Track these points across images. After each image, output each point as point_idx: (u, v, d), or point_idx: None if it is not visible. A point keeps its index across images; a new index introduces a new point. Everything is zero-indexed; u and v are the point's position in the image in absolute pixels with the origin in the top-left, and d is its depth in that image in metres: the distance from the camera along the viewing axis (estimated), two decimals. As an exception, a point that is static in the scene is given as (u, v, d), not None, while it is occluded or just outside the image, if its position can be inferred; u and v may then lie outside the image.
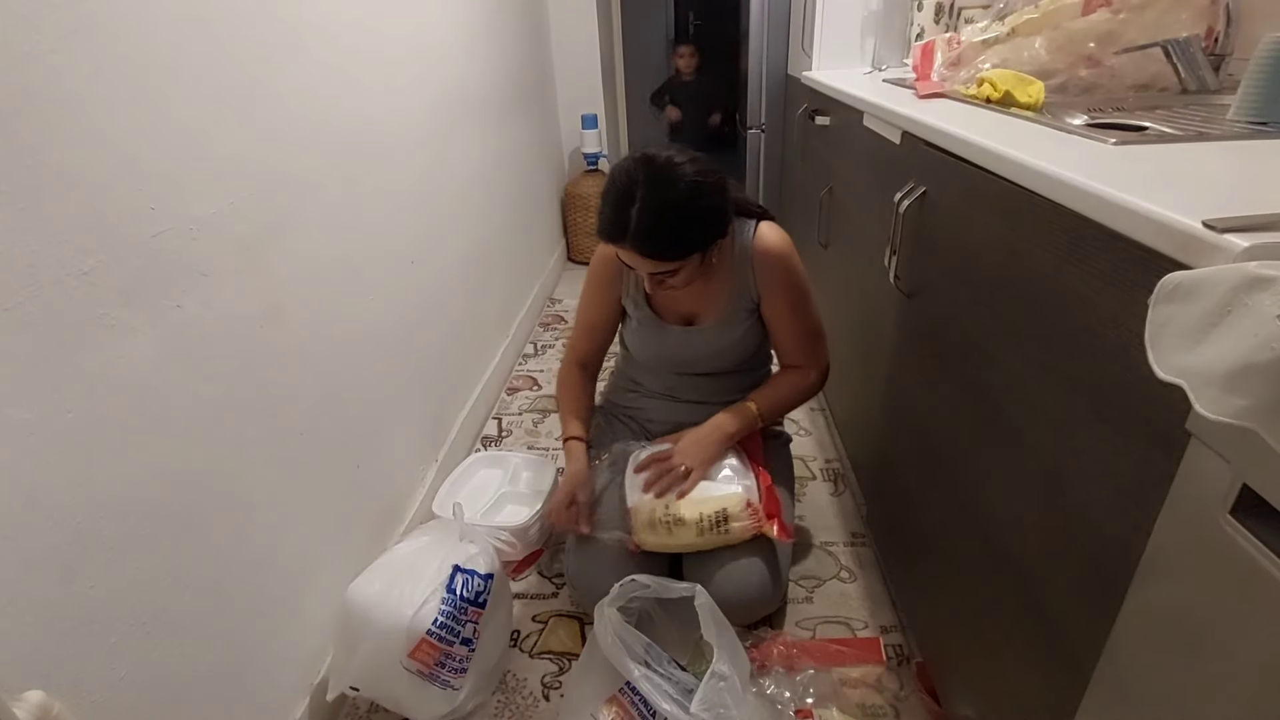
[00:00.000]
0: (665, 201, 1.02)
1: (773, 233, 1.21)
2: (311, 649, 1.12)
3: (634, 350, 1.37)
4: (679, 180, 1.03)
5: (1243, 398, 0.40)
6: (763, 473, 1.23)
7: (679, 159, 1.05)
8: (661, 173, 1.03)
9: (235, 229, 0.94)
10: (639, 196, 1.01)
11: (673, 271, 1.08)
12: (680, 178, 1.03)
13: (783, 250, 1.20)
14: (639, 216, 1.01)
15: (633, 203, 1.01)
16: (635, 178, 1.03)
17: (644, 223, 1.01)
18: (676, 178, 1.03)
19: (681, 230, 1.04)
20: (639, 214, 1.01)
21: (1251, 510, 0.45)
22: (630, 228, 1.02)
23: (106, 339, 0.73)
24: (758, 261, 1.19)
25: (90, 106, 0.71)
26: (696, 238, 1.06)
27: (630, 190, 1.02)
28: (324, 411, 1.16)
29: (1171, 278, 0.47)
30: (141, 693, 0.77)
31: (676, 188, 1.02)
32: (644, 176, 1.03)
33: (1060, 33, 1.17)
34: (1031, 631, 0.77)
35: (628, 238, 1.03)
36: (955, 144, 0.91)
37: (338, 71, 1.24)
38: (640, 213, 1.01)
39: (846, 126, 1.56)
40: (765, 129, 2.61)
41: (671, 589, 1.11)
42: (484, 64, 2.15)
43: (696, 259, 1.08)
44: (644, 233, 1.02)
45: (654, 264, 1.05)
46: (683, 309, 1.28)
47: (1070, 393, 0.67)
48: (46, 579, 0.66)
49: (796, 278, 1.22)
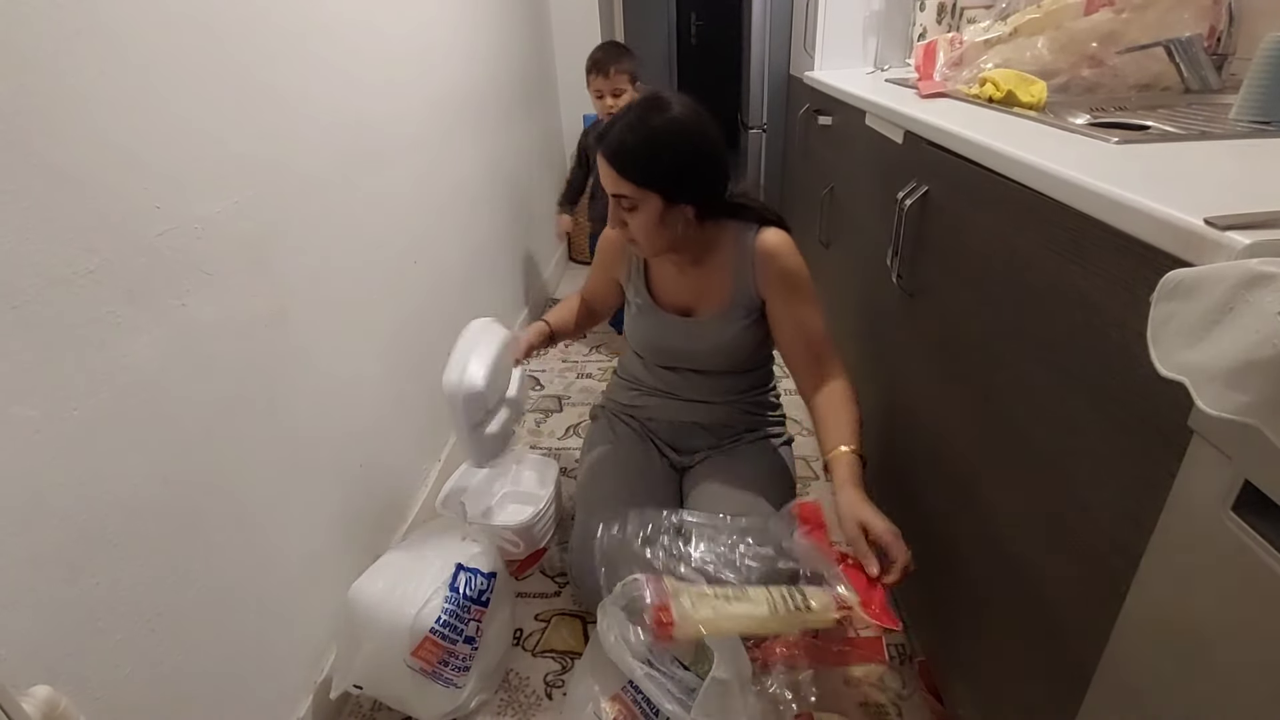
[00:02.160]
0: (643, 122, 1.06)
1: (776, 236, 1.21)
2: (315, 647, 1.13)
3: (631, 338, 1.38)
4: (665, 111, 1.07)
5: (1244, 394, 0.41)
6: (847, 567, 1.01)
7: (679, 102, 1.09)
8: (654, 102, 1.08)
9: (239, 228, 0.94)
10: (628, 114, 1.08)
11: (630, 204, 1.08)
12: (668, 109, 1.07)
13: (785, 251, 1.20)
14: (619, 128, 1.07)
15: (621, 117, 1.08)
16: (633, 104, 1.10)
17: (619, 134, 1.06)
18: (665, 108, 1.07)
19: (648, 152, 1.06)
20: (620, 126, 1.07)
21: (1254, 506, 0.45)
22: (610, 135, 1.07)
23: (111, 338, 0.73)
24: (759, 260, 1.19)
25: (94, 107, 0.71)
26: (661, 171, 1.07)
27: (626, 109, 1.10)
28: (327, 410, 1.16)
29: (1173, 275, 0.47)
30: (146, 689, 0.77)
31: (660, 115, 1.06)
32: (640, 102, 1.10)
33: (1062, 32, 1.17)
34: (1034, 629, 0.77)
35: (604, 143, 1.08)
36: (958, 143, 0.91)
37: (340, 71, 1.25)
38: (621, 126, 1.07)
39: (849, 126, 1.56)
40: (767, 129, 2.61)
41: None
42: (486, 63, 2.15)
43: (656, 204, 1.08)
44: (614, 142, 1.06)
45: (615, 178, 1.07)
46: (680, 299, 1.28)
47: (1072, 390, 0.67)
48: (52, 576, 0.66)
49: (803, 278, 1.21)
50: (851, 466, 1.05)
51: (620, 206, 1.10)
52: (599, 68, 2.01)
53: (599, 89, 2.04)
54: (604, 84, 2.02)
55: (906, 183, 1.09)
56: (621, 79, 2.01)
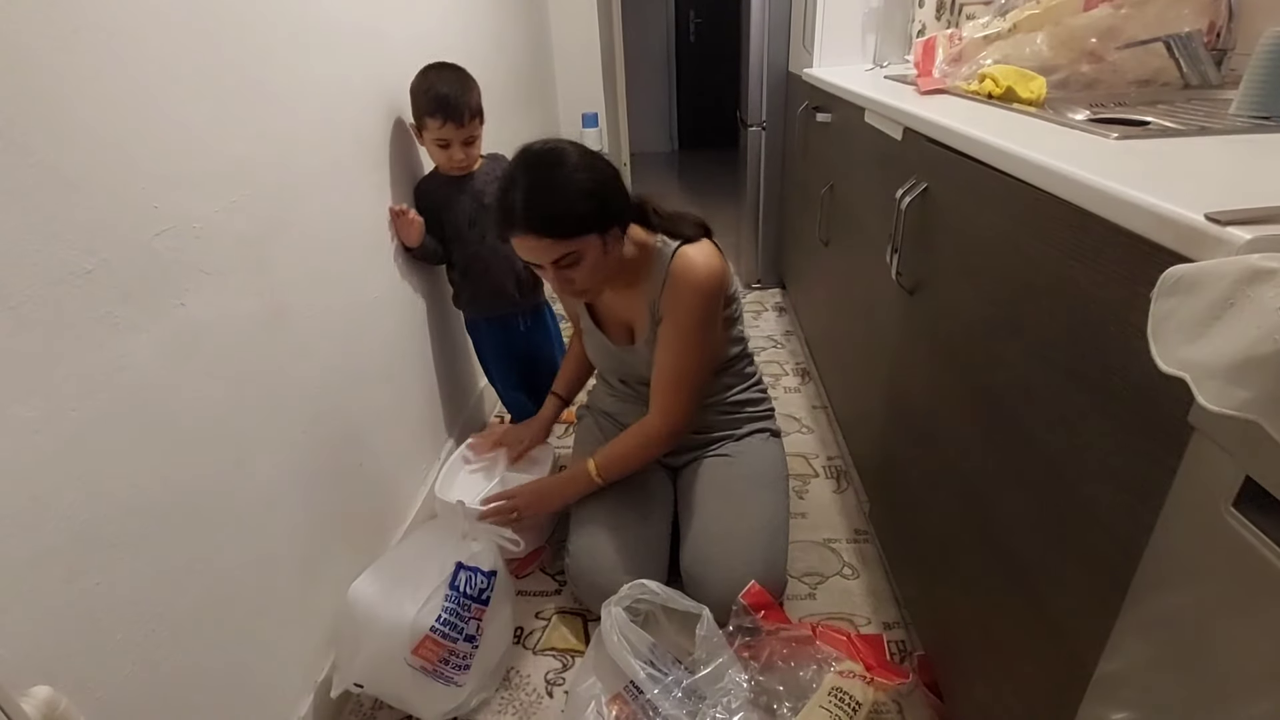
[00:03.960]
0: (546, 177, 1.00)
1: (696, 254, 1.13)
2: (315, 646, 1.13)
3: (592, 361, 1.40)
4: (559, 158, 1.01)
5: (1245, 390, 0.40)
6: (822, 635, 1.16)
7: (557, 144, 1.04)
8: (539, 155, 1.03)
9: (237, 228, 0.94)
10: (519, 183, 1.00)
11: (574, 259, 1.03)
12: (559, 157, 1.02)
13: (692, 276, 1.12)
14: (523, 198, 0.99)
15: (514, 189, 1.00)
16: (514, 169, 1.03)
17: (529, 200, 0.99)
18: (555, 158, 1.01)
19: (568, 202, 1.00)
20: (523, 195, 0.99)
21: (1254, 502, 0.45)
22: (517, 211, 0.99)
23: (110, 338, 0.73)
24: (668, 281, 1.14)
25: (92, 107, 0.71)
26: (588, 213, 1.01)
27: (511, 181, 1.02)
28: (327, 409, 1.16)
29: (1174, 271, 0.47)
30: (146, 689, 0.77)
31: (559, 164, 1.01)
32: (522, 165, 1.03)
33: (1062, 28, 1.17)
34: (1034, 626, 0.77)
35: (517, 223, 1.00)
36: (957, 140, 0.91)
37: (338, 70, 1.25)
38: (525, 193, 0.99)
39: (848, 123, 1.55)
40: (766, 126, 2.60)
41: (679, 602, 1.11)
42: (484, 62, 2.15)
43: (597, 244, 1.04)
44: (530, 209, 0.99)
45: (550, 245, 1.00)
46: (619, 319, 1.27)
47: (1072, 387, 0.67)
48: (51, 577, 0.66)
49: (691, 309, 1.13)
50: (574, 471, 1.28)
51: (560, 267, 1.04)
52: (450, 112, 1.39)
53: (446, 138, 1.42)
54: (456, 133, 1.42)
55: (906, 180, 1.09)
56: (475, 124, 1.46)
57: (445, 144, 1.44)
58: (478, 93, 1.48)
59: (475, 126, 1.47)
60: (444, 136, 1.43)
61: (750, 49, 2.51)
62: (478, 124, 1.48)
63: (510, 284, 1.65)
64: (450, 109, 1.40)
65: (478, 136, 1.49)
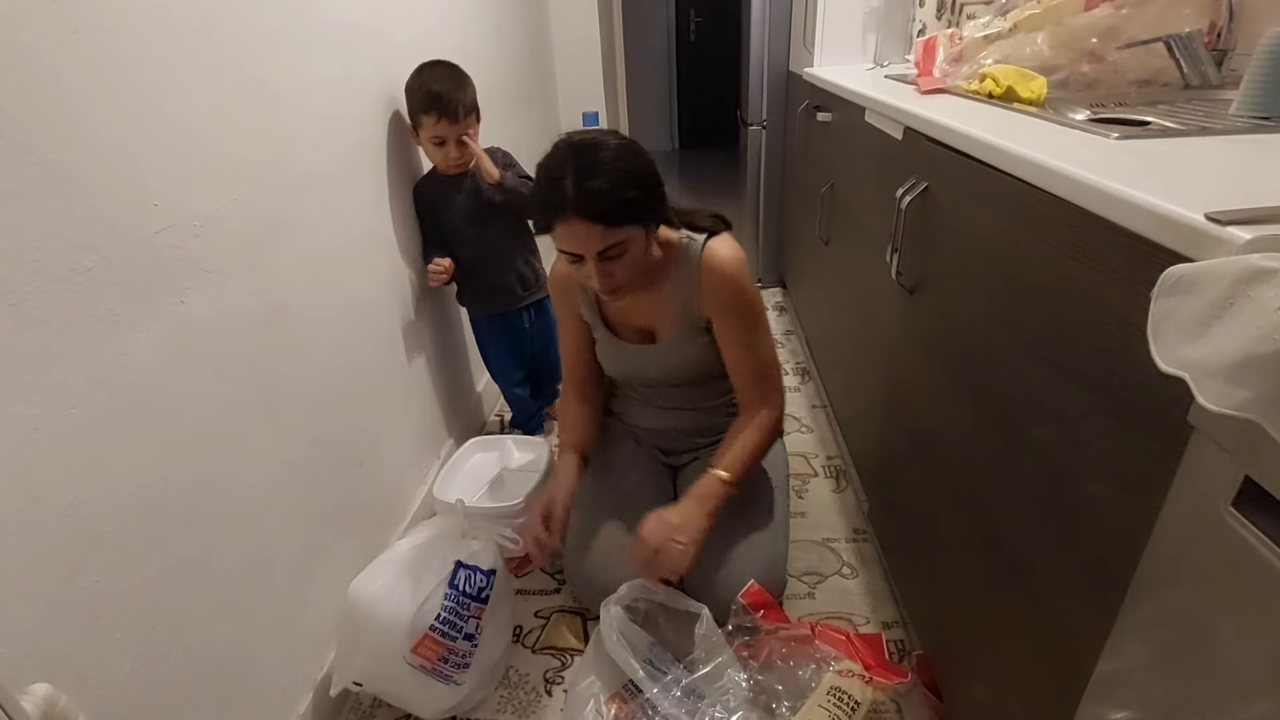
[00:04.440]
0: (598, 161, 0.98)
1: (724, 247, 1.14)
2: (315, 645, 1.13)
3: (601, 364, 1.35)
4: (604, 145, 1.00)
5: (1245, 389, 0.40)
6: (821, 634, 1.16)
7: (599, 133, 1.03)
8: (586, 142, 1.00)
9: (238, 226, 0.94)
10: (570, 168, 0.97)
11: (619, 250, 1.01)
12: (605, 143, 1.00)
13: (731, 268, 1.12)
14: (575, 183, 0.96)
15: (565, 175, 0.97)
16: (561, 156, 1.00)
17: (581, 186, 0.96)
18: (602, 143, 1.00)
19: (620, 188, 0.98)
20: (575, 181, 0.96)
21: (1254, 502, 0.45)
22: (569, 196, 0.96)
23: (110, 336, 0.73)
24: (703, 277, 1.13)
25: (91, 105, 0.71)
26: (637, 201, 1.00)
27: (560, 167, 0.98)
28: (326, 408, 1.16)
29: (1173, 270, 0.47)
30: (145, 687, 0.77)
31: (600, 150, 0.99)
32: (569, 151, 1.00)
33: (1062, 28, 1.17)
34: (1034, 626, 0.77)
35: (568, 207, 0.97)
36: (957, 139, 0.91)
37: (338, 70, 1.25)
38: (576, 178, 0.96)
39: (848, 123, 1.55)
40: (767, 125, 2.60)
41: (679, 602, 1.11)
42: (485, 61, 2.14)
43: (641, 236, 1.03)
44: (583, 194, 0.96)
45: (601, 232, 0.98)
46: (637, 323, 1.25)
47: (1072, 386, 0.67)
48: (51, 575, 0.66)
49: (745, 299, 1.14)
50: (705, 487, 1.13)
51: (607, 259, 1.02)
52: (443, 108, 1.40)
53: (440, 135, 1.43)
54: (451, 130, 1.42)
55: (906, 179, 1.09)
56: (470, 120, 1.46)
57: (440, 141, 1.45)
58: (473, 90, 1.48)
59: (470, 123, 1.47)
60: (439, 134, 1.43)
61: (751, 48, 2.51)
62: (473, 121, 1.48)
63: (512, 279, 1.65)
64: (444, 106, 1.40)
65: (474, 134, 1.49)
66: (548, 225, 1.01)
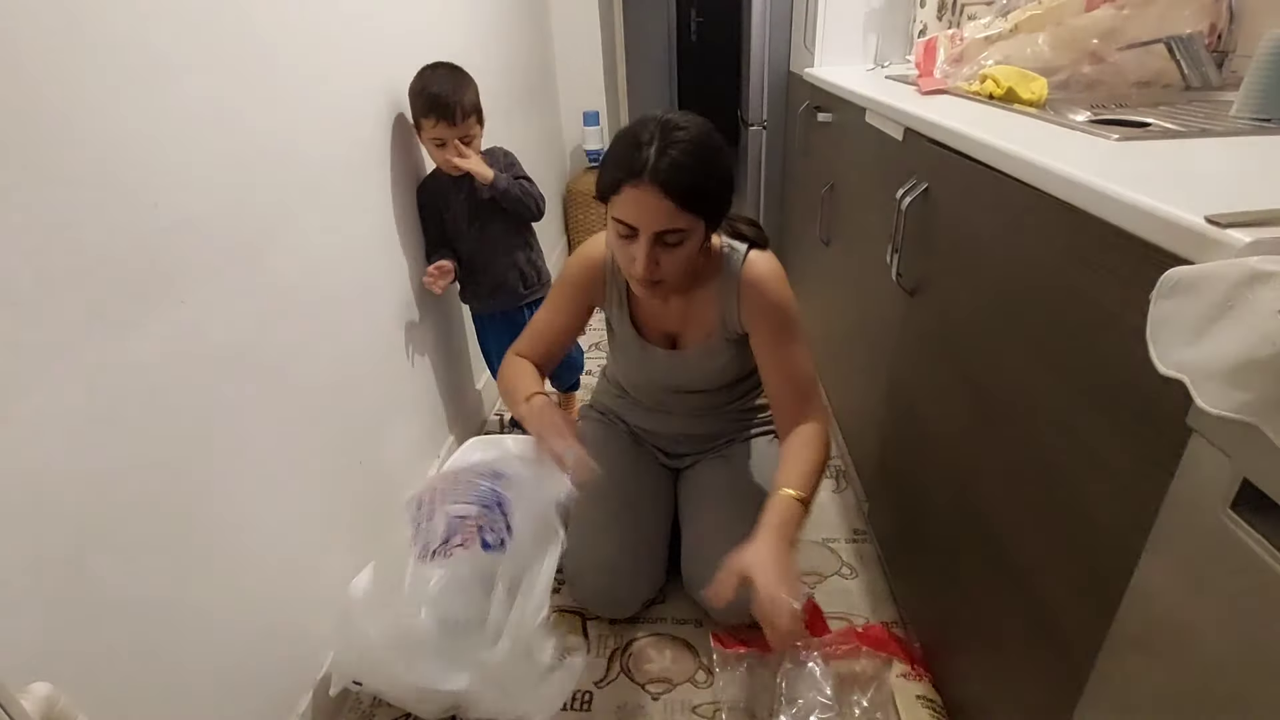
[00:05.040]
0: (688, 140, 0.94)
1: (765, 262, 1.12)
2: (314, 644, 1.13)
3: (620, 370, 1.32)
4: (698, 129, 0.96)
5: (1244, 392, 0.41)
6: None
7: (694, 117, 0.98)
8: (680, 121, 0.96)
9: (238, 225, 0.94)
10: (658, 137, 0.93)
11: (679, 238, 0.97)
12: (699, 128, 0.96)
13: (773, 283, 1.11)
14: (660, 151, 0.92)
15: (651, 142, 0.93)
16: (650, 125, 0.95)
17: (665, 155, 0.92)
18: (695, 127, 0.96)
19: (704, 174, 0.94)
20: (660, 149, 0.92)
21: (1252, 504, 0.45)
22: (650, 161, 0.92)
23: (110, 335, 0.73)
24: (745, 290, 1.11)
25: (90, 104, 0.71)
26: (714, 192, 0.97)
27: (647, 133, 0.94)
28: (327, 408, 1.16)
29: (1173, 273, 0.47)
30: (145, 687, 0.77)
31: (698, 133, 0.95)
32: (661, 123, 0.95)
33: (1063, 29, 1.17)
34: (1031, 626, 0.77)
35: (646, 173, 0.92)
36: (958, 140, 0.91)
37: (339, 69, 1.25)
38: (663, 147, 0.92)
39: (848, 123, 1.55)
40: (767, 126, 2.60)
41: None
42: (485, 61, 2.14)
43: (700, 234, 1.00)
44: (672, 166, 0.91)
45: (671, 211, 0.93)
46: (667, 327, 1.22)
47: (1071, 388, 0.67)
48: (51, 574, 0.66)
49: (787, 313, 1.12)
50: (783, 512, 0.99)
51: (663, 244, 0.98)
52: (442, 111, 1.41)
53: (441, 137, 1.44)
54: (450, 132, 1.43)
55: (906, 180, 1.09)
56: (471, 123, 1.46)
57: (441, 143, 1.45)
58: (474, 92, 1.48)
59: (470, 125, 1.47)
60: (439, 135, 1.44)
61: (751, 48, 2.51)
62: (473, 123, 1.48)
63: (513, 277, 1.66)
64: (443, 108, 1.41)
65: (474, 135, 1.49)
66: (616, 187, 0.95)
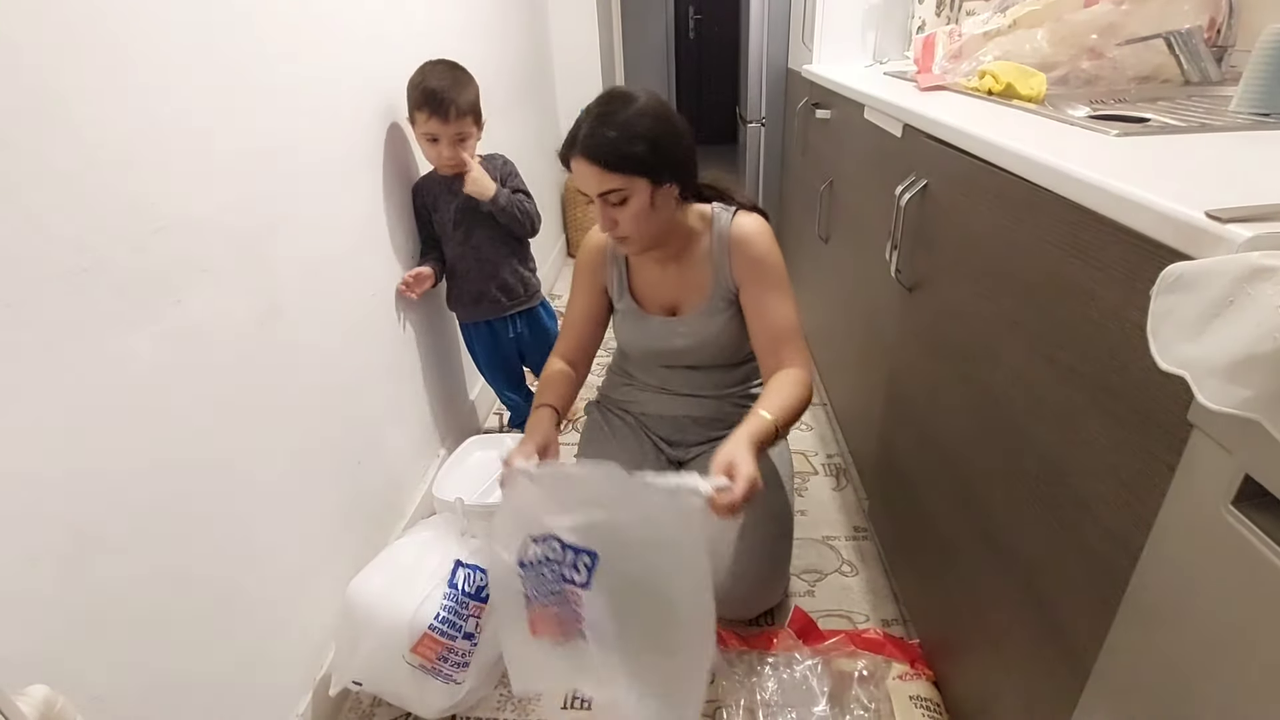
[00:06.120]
0: (611, 113, 1.06)
1: (751, 220, 1.20)
2: (314, 644, 1.13)
3: (620, 340, 1.36)
4: (629, 100, 1.07)
5: (1245, 388, 0.40)
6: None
7: (636, 89, 1.09)
8: (613, 95, 1.08)
9: (234, 225, 0.94)
10: (591, 112, 1.07)
11: (620, 196, 1.07)
12: (631, 99, 1.07)
13: (758, 236, 1.19)
14: (588, 128, 1.06)
15: (584, 121, 1.07)
16: (594, 102, 1.09)
17: (591, 130, 1.05)
18: (628, 98, 1.07)
19: (626, 139, 1.05)
20: (588, 126, 1.06)
21: (1254, 500, 0.45)
22: (579, 138, 1.06)
23: (107, 336, 0.73)
24: (733, 246, 1.18)
25: (89, 105, 0.71)
26: (643, 154, 1.06)
27: (588, 110, 1.08)
28: (325, 408, 1.16)
29: (1174, 268, 0.47)
30: (144, 688, 0.77)
31: (626, 105, 1.06)
32: (601, 99, 1.09)
33: (1062, 25, 1.17)
34: (1033, 623, 0.77)
35: (576, 146, 1.06)
36: (957, 136, 0.91)
37: (336, 70, 1.24)
38: (592, 123, 1.05)
39: (847, 120, 1.55)
40: (766, 123, 2.60)
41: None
42: (484, 60, 2.14)
43: (645, 190, 1.07)
44: (589, 137, 1.05)
45: (599, 174, 1.05)
46: (664, 298, 1.27)
47: (1072, 384, 0.67)
48: (49, 575, 0.66)
49: (772, 263, 1.19)
50: (755, 424, 1.01)
51: (609, 203, 1.08)
52: (436, 107, 1.38)
53: (432, 133, 1.41)
54: (442, 129, 1.41)
55: (905, 176, 1.09)
56: (466, 122, 1.43)
57: (433, 139, 1.42)
58: (473, 92, 1.45)
59: (466, 124, 1.43)
60: (431, 131, 1.41)
61: (750, 45, 2.51)
62: (469, 123, 1.44)
63: (492, 288, 1.61)
64: (437, 103, 1.38)
65: (469, 136, 1.46)
66: (566, 164, 1.09)
